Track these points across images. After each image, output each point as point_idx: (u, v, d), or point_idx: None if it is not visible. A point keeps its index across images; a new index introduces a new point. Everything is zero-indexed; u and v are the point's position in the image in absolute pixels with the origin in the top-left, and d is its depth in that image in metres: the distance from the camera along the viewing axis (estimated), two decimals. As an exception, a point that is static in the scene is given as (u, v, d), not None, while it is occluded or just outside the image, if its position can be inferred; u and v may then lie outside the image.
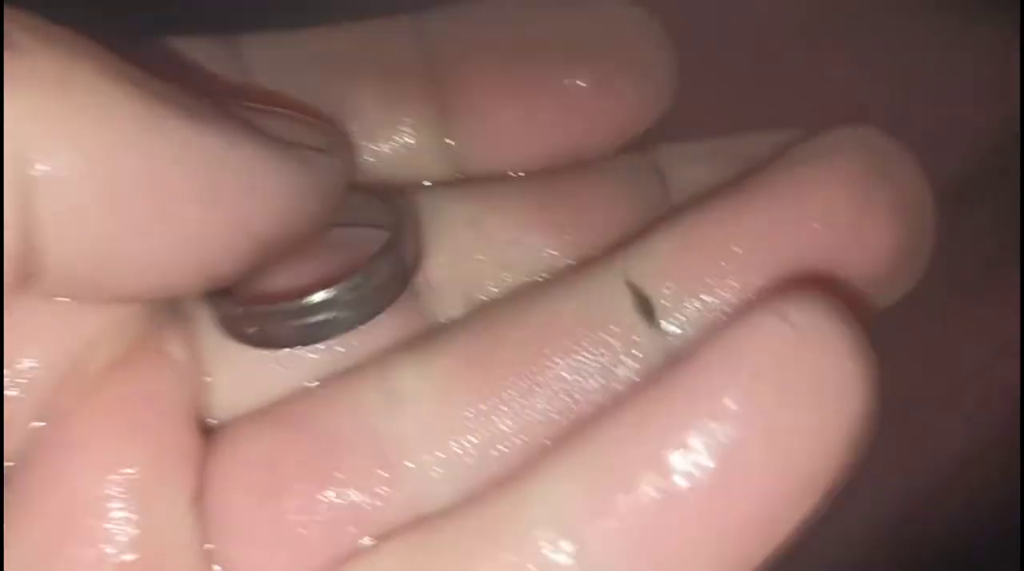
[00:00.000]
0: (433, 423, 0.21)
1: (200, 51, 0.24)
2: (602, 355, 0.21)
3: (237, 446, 0.22)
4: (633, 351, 0.21)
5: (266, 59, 0.24)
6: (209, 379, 0.23)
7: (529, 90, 0.24)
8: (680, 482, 0.18)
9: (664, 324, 0.21)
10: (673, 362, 0.19)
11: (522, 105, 0.24)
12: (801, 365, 0.18)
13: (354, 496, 0.21)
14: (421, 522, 0.21)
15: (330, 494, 0.21)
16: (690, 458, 0.18)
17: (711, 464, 0.18)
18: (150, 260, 0.19)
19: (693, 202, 0.23)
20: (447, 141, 0.24)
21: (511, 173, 0.25)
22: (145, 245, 0.19)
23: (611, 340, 0.21)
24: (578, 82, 0.24)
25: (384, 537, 0.21)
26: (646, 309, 0.21)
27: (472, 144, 0.24)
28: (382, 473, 0.21)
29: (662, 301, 0.21)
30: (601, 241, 0.24)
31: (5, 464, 0.21)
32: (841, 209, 0.21)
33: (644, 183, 0.25)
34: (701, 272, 0.21)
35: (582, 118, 0.24)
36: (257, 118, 0.21)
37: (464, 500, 0.21)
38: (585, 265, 0.23)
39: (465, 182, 0.25)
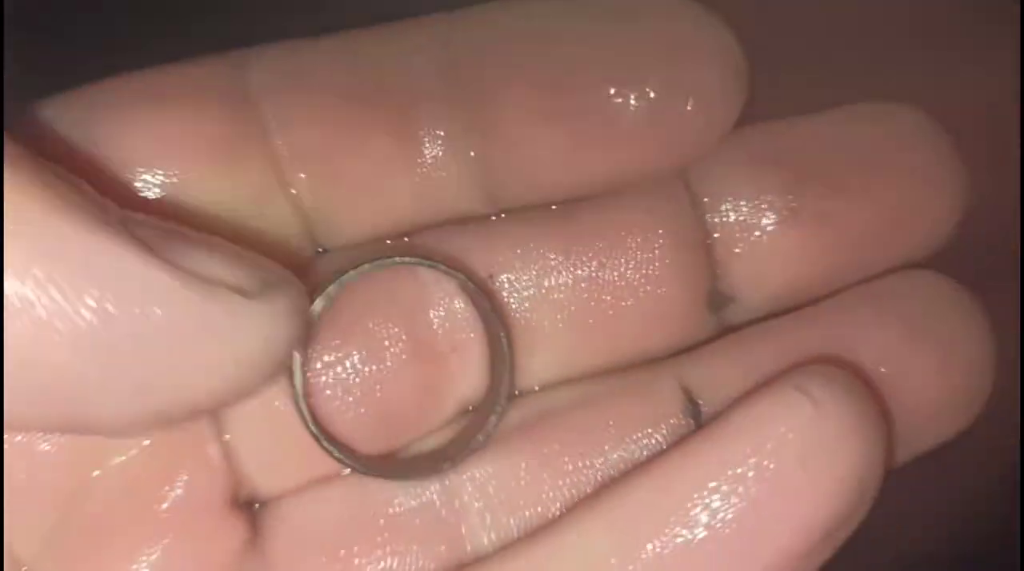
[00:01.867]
0: (492, 505, 0.22)
1: (203, 72, 0.22)
2: (648, 448, 0.22)
3: (297, 523, 0.22)
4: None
5: (270, 84, 0.22)
6: (246, 467, 0.22)
7: (571, 112, 0.22)
8: (702, 534, 0.19)
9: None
10: (701, 428, 0.21)
11: (563, 130, 0.22)
12: (816, 433, 0.19)
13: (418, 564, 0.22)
14: None
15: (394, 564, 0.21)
16: (713, 513, 0.19)
17: (731, 518, 0.19)
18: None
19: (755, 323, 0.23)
20: (478, 173, 0.22)
21: (547, 204, 0.23)
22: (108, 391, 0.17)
23: (658, 433, 0.22)
24: (631, 102, 0.21)
25: None
26: (694, 413, 0.22)
27: (506, 176, 0.22)
28: (443, 548, 0.22)
29: (709, 406, 0.22)
30: (634, 276, 0.23)
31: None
32: (892, 354, 0.22)
33: (676, 209, 0.23)
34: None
35: (633, 145, 0.22)
36: (179, 250, 0.17)
37: (501, 549, 0.21)
38: (641, 366, 0.23)
39: (488, 224, 0.23)
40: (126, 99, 0.22)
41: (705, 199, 0.23)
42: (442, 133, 0.22)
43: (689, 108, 0.21)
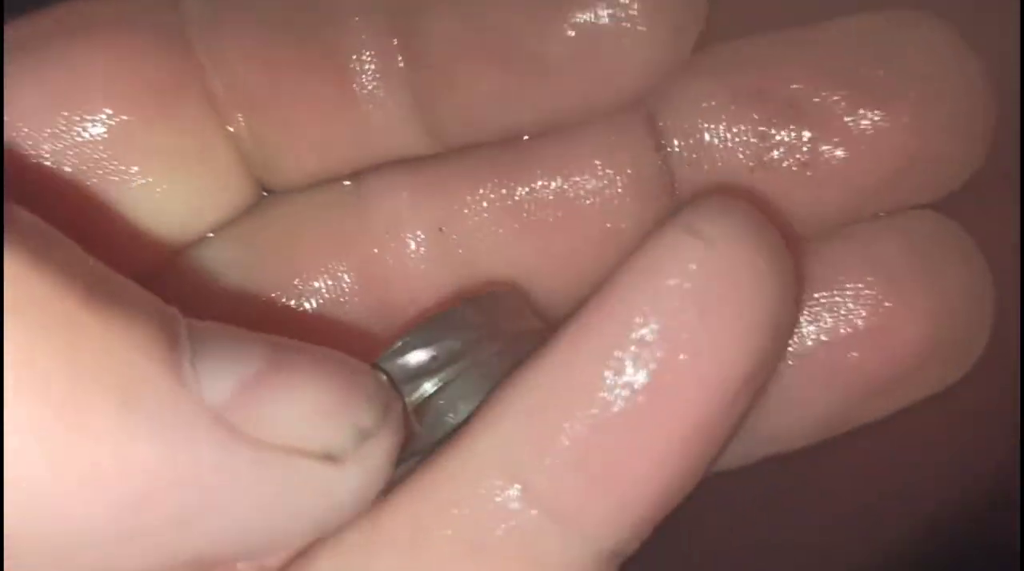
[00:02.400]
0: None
1: (137, 6, 0.21)
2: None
3: None
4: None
5: (204, 18, 0.21)
6: None
7: (505, 46, 0.21)
8: (615, 406, 0.18)
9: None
10: (595, 291, 0.19)
11: (498, 65, 0.21)
12: (713, 276, 0.17)
13: None
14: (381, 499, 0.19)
15: None
16: (622, 382, 0.18)
17: (640, 388, 0.18)
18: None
19: None
20: (422, 111, 0.22)
21: (495, 142, 0.22)
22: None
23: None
24: (566, 32, 0.20)
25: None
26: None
27: (447, 114, 0.22)
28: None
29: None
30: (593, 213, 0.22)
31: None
32: (872, 301, 0.21)
33: (637, 151, 0.22)
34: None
35: (571, 78, 0.21)
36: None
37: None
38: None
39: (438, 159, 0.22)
40: (55, 34, 0.21)
41: (674, 140, 0.22)
42: (378, 71, 0.22)
43: (629, 34, 0.20)
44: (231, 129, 0.22)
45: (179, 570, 0.16)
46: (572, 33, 0.21)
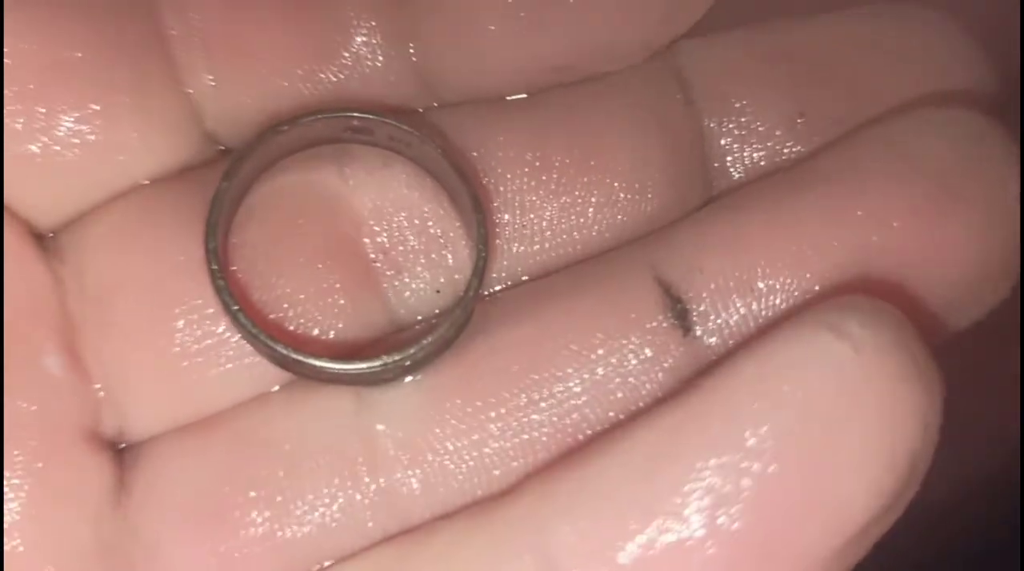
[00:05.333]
0: (412, 435, 0.18)
1: None
2: (623, 367, 0.18)
3: (166, 469, 0.18)
4: (664, 364, 0.18)
5: None
6: (109, 394, 0.19)
7: None
8: (697, 533, 0.14)
9: (699, 332, 0.18)
10: (701, 378, 0.15)
11: (502, 8, 0.19)
12: (856, 392, 0.14)
13: (316, 519, 0.18)
14: (390, 542, 0.18)
15: (296, 514, 0.18)
16: (712, 505, 0.14)
17: (738, 510, 0.14)
18: None
19: (736, 187, 0.19)
20: (412, 59, 0.19)
21: (505, 96, 0.20)
22: None
23: (635, 348, 0.18)
24: None
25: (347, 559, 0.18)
26: (679, 314, 0.18)
27: (445, 64, 0.19)
28: (348, 492, 0.18)
29: (697, 305, 0.18)
30: (623, 171, 0.19)
31: None
32: (920, 208, 0.17)
33: (664, 94, 0.20)
34: (744, 273, 0.17)
35: (584, 21, 0.19)
36: None
37: (439, 519, 0.18)
38: (605, 255, 0.19)
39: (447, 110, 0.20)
40: None
41: (699, 100, 0.20)
42: (372, 21, 0.20)
43: None
44: (189, 88, 0.20)
45: None
46: None
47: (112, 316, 0.19)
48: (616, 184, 0.19)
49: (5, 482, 0.18)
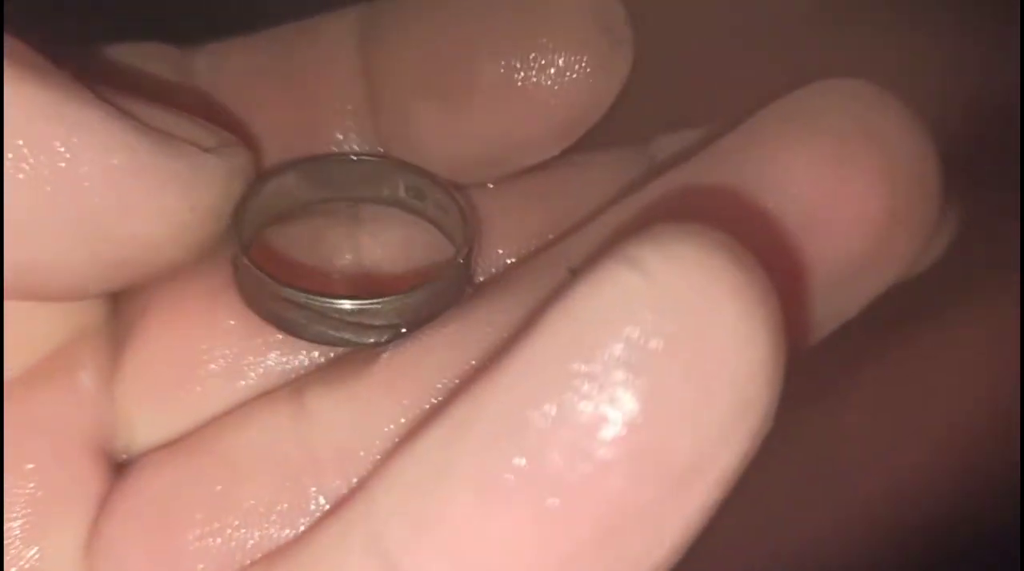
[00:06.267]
0: (347, 445, 0.19)
1: (154, 54, 0.23)
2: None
3: (138, 480, 0.20)
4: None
5: (211, 67, 0.23)
6: (122, 412, 0.20)
7: (451, 84, 0.21)
8: (510, 495, 0.14)
9: None
10: (513, 335, 0.15)
11: (444, 104, 0.21)
12: (663, 323, 0.13)
13: (259, 525, 0.19)
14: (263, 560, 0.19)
15: (234, 523, 0.19)
16: (520, 464, 0.14)
17: (541, 462, 0.14)
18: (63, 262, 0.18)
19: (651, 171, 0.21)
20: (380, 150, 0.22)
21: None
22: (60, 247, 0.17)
23: None
24: (514, 68, 0.20)
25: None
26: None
27: (408, 153, 0.22)
28: (290, 500, 0.19)
29: None
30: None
31: None
32: (821, 171, 0.17)
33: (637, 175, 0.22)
34: None
35: (520, 114, 0.21)
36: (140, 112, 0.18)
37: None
38: (525, 262, 0.21)
39: None
40: None
41: None
42: (351, 114, 0.22)
43: (573, 73, 0.20)
44: None
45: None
46: (500, 63, 0.21)
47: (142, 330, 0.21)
48: None
49: (5, 482, 0.19)
